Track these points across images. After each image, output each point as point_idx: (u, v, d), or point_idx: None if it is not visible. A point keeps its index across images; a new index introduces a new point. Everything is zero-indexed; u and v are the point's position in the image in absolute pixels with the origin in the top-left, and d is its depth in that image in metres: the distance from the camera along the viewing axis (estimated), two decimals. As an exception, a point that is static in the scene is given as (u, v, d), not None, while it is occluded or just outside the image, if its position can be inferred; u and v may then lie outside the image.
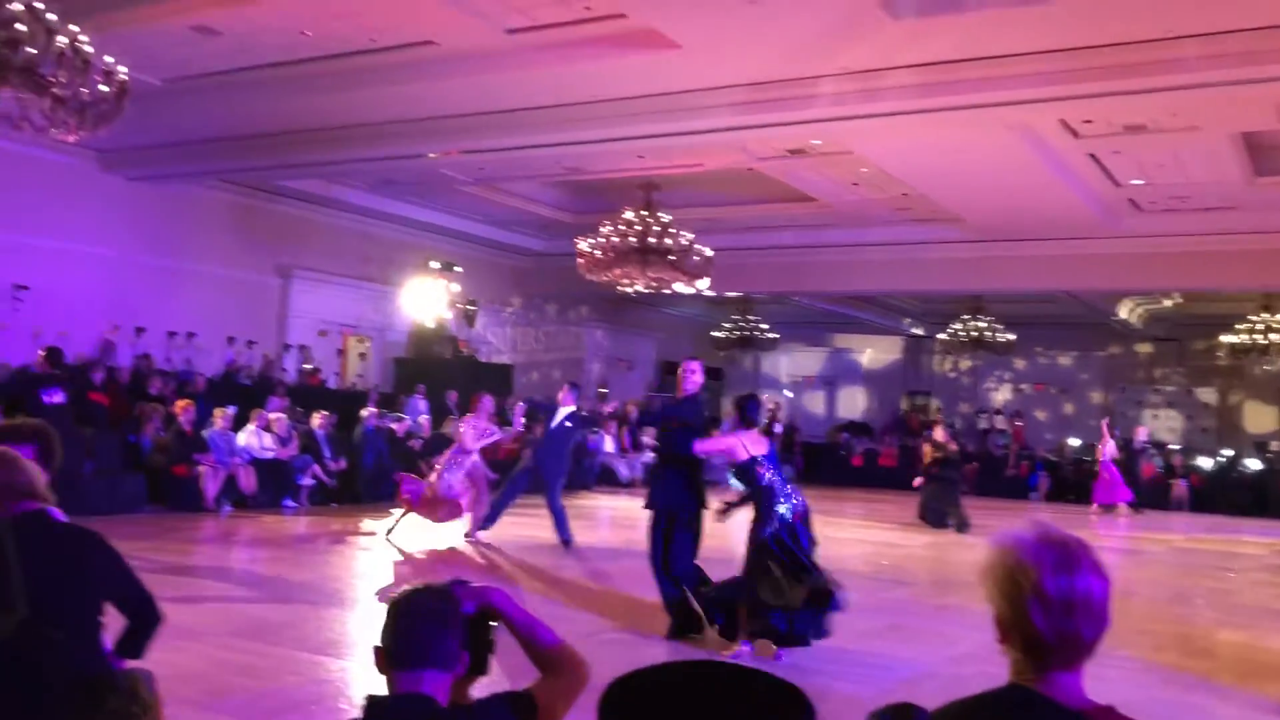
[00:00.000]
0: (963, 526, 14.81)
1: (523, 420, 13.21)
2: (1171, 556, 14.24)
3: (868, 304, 25.79)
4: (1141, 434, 21.61)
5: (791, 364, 30.61)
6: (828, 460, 25.15)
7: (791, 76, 10.92)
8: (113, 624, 3.19)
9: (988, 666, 1.91)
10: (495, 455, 13.45)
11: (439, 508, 11.26)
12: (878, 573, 11.27)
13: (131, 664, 3.24)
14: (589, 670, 2.38)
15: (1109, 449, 19.25)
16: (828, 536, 14.04)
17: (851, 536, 14.37)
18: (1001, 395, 28.47)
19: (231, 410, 13.67)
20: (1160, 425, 25.98)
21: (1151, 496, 20.83)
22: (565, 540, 11.41)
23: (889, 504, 17.99)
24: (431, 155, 14.56)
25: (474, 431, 11.66)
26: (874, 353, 30.04)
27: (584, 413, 12.49)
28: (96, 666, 3.01)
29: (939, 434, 15.91)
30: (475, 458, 11.69)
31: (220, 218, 17.76)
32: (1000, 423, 26.93)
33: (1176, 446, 24.09)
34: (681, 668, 2.41)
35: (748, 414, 7.16)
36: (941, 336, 25.65)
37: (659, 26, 9.97)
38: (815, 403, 30.24)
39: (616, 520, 15.52)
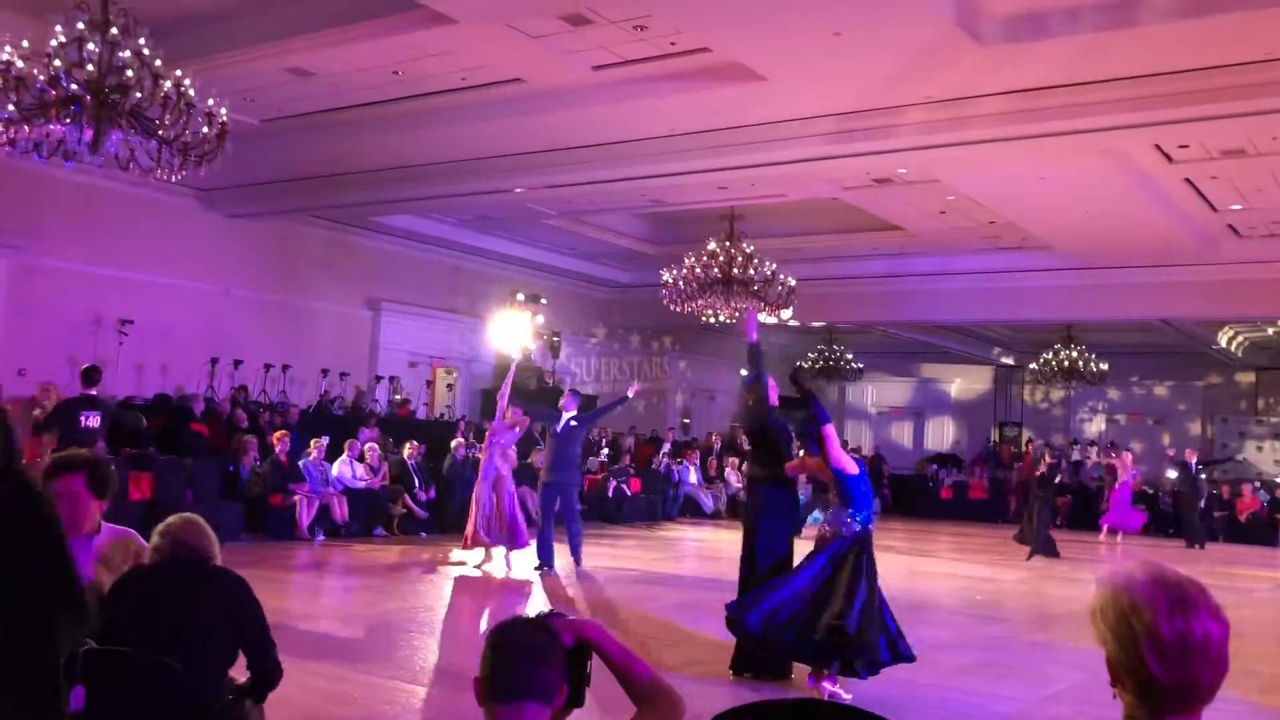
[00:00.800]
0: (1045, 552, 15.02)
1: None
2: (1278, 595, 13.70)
3: (956, 333, 25.41)
4: (1191, 458, 20.44)
5: (878, 394, 30.25)
6: (916, 492, 24.77)
7: (877, 106, 10.87)
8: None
9: (1085, 706, 1.88)
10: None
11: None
12: (971, 608, 11.06)
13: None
14: (684, 705, 2.38)
15: (1127, 474, 19.08)
16: (918, 570, 13.88)
17: (942, 570, 14.13)
18: (1095, 426, 27.75)
19: (325, 440, 13.97)
20: (1264, 457, 25.05)
21: (1256, 532, 20.11)
22: (576, 560, 11.50)
23: (979, 537, 17.62)
24: (519, 190, 14.79)
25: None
26: (963, 383, 29.55)
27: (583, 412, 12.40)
28: (216, 702, 3.13)
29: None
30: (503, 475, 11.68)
31: (314, 253, 18.25)
32: (1094, 455, 26.25)
33: (1280, 480, 23.23)
34: (784, 706, 2.41)
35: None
36: (1032, 366, 25.16)
37: (744, 60, 10.03)
38: (903, 434, 29.82)
39: (702, 552, 15.46)
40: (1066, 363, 23.56)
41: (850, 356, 26.60)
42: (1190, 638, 1.71)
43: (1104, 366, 23.76)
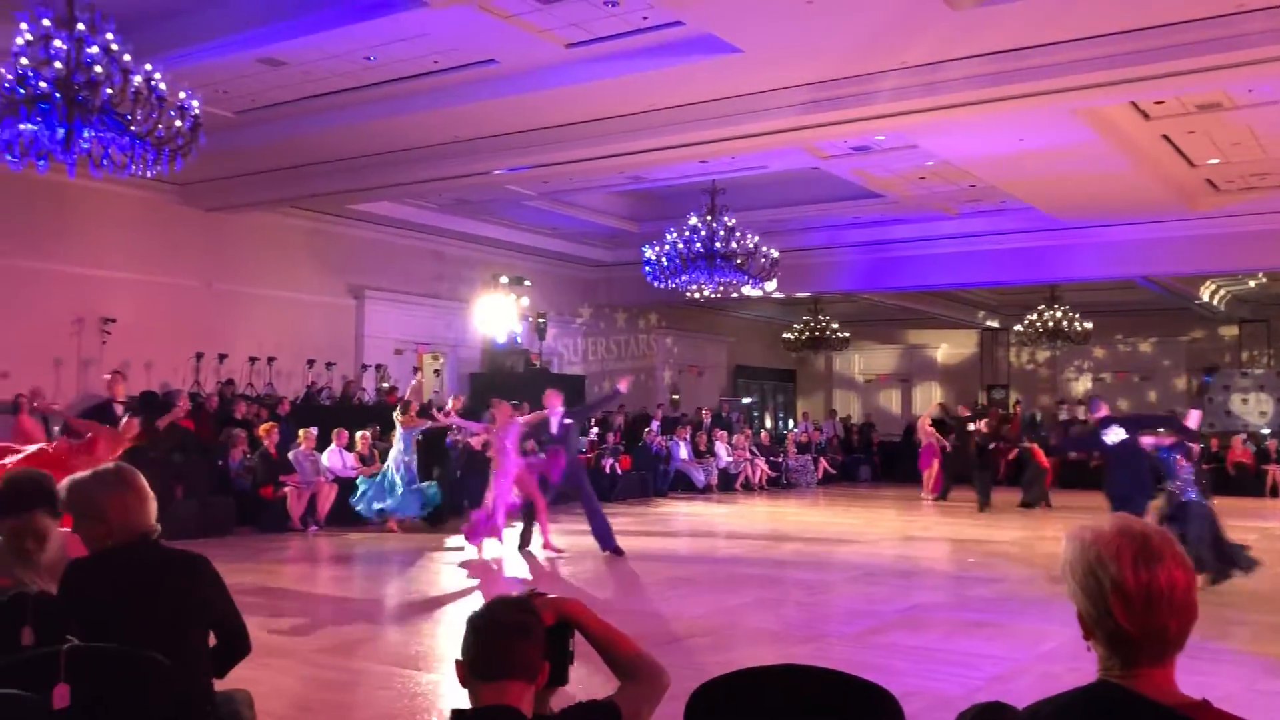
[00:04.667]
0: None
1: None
2: (1268, 544, 13.81)
3: (940, 298, 25.47)
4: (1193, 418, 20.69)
5: (865, 362, 30.33)
6: (906, 458, 24.88)
7: (852, 74, 10.85)
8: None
9: (1079, 663, 1.90)
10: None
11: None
12: (964, 569, 11.14)
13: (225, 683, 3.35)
14: (668, 677, 2.40)
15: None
16: (909, 535, 13.97)
17: (935, 534, 14.22)
18: (1082, 385, 27.89)
19: (314, 431, 13.96)
20: (1251, 409, 25.21)
21: (1244, 484, 20.24)
22: (615, 550, 11.24)
23: (970, 500, 17.73)
24: (497, 172, 14.73)
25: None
26: (949, 347, 29.64)
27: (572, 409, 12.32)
28: (199, 688, 3.12)
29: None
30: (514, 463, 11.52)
31: (295, 243, 18.16)
32: (1081, 413, 26.37)
33: (1267, 431, 23.39)
34: (766, 672, 2.43)
35: None
36: (1017, 328, 25.24)
37: (717, 32, 9.99)
38: (891, 400, 29.92)
39: (694, 527, 15.52)
40: (1051, 323, 23.64)
41: (836, 326, 26.62)
42: (1155, 586, 1.73)
43: (1088, 325, 23.85)
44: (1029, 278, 20.96)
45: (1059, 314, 23.59)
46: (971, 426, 18.96)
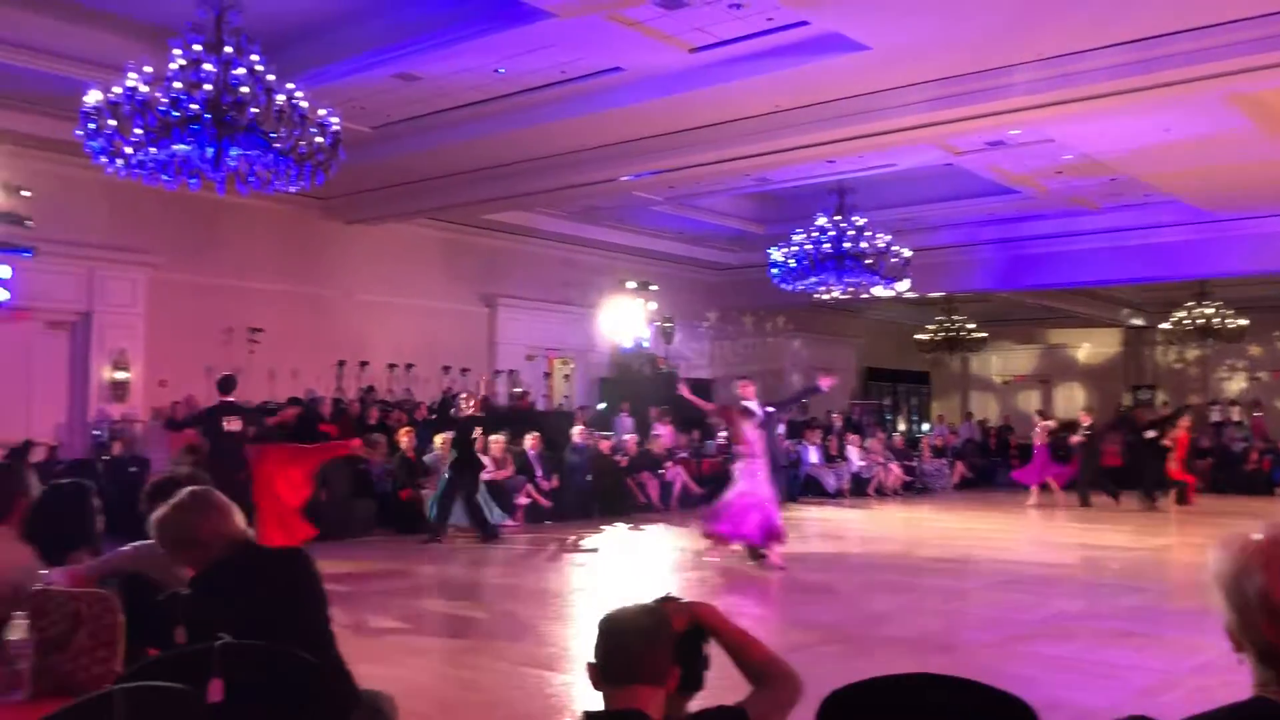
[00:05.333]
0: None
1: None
2: None
3: (1081, 296, 24.58)
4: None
5: (1002, 363, 29.50)
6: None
7: (984, 67, 10.57)
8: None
9: (1235, 675, 1.80)
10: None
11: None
12: (1104, 577, 10.73)
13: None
14: (802, 684, 2.38)
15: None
16: (1048, 541, 13.52)
17: (1074, 540, 13.73)
18: (1235, 385, 26.54)
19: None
20: None
21: None
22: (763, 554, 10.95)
23: (1111, 506, 17.07)
24: (624, 178, 14.86)
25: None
26: (1091, 347, 28.59)
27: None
28: (342, 684, 3.23)
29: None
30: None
31: (430, 253, 18.67)
32: (1236, 414, 25.11)
33: None
34: (901, 681, 2.39)
35: None
36: (1165, 326, 24.20)
37: (843, 30, 9.86)
38: (1030, 402, 29.02)
39: (827, 532, 15.34)
40: (1201, 320, 22.58)
41: (972, 326, 25.97)
42: None
43: (1242, 322, 22.70)
44: (1177, 273, 20.07)
45: (1210, 310, 22.53)
46: (1150, 434, 18.23)
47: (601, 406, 19.75)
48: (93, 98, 8.79)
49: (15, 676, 2.74)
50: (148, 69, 8.72)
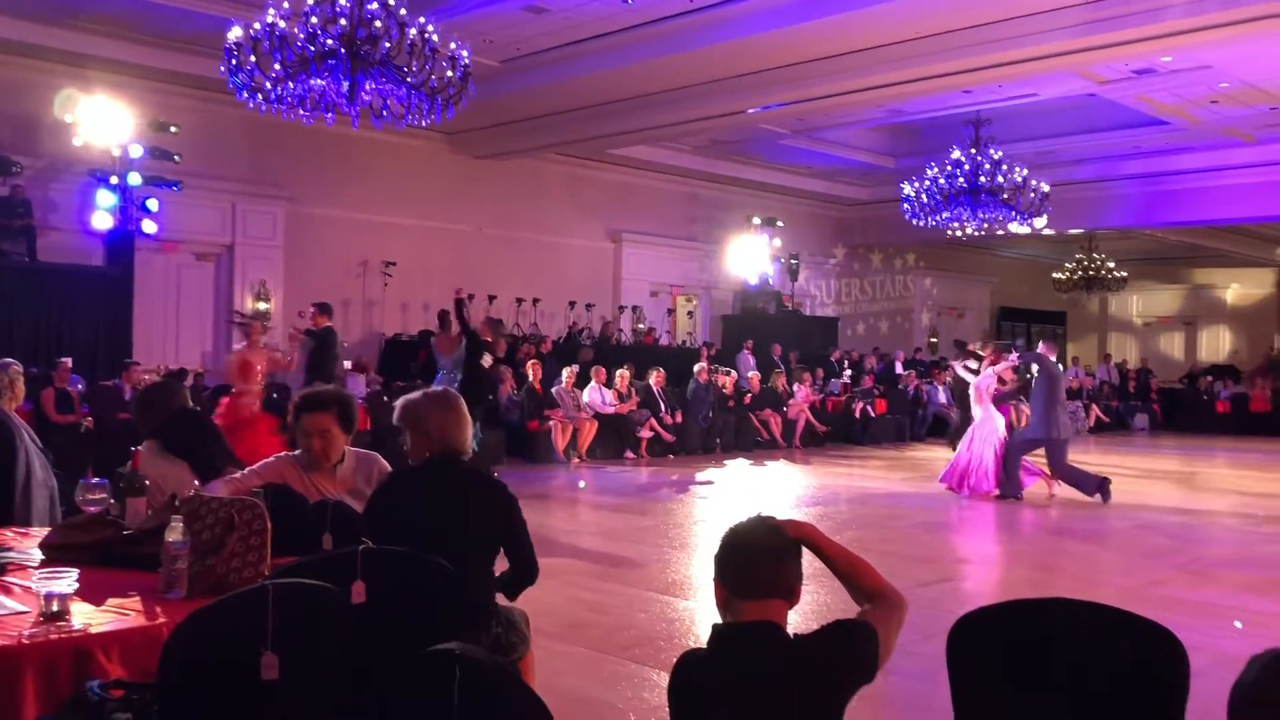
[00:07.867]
0: None
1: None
2: None
3: (1231, 234, 23.36)
4: None
5: (1144, 304, 28.35)
6: (1188, 406, 23.16)
7: (1135, -12, 10.06)
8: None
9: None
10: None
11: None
12: (1252, 524, 10.30)
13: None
14: (908, 605, 2.35)
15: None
16: (1193, 487, 13.03)
17: (1219, 487, 13.21)
18: (1402, 329, 25.00)
19: (575, 368, 14.50)
20: None
21: None
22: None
23: (1260, 452, 16.33)
24: (751, 111, 14.64)
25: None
26: (1240, 288, 27.24)
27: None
28: (484, 599, 3.39)
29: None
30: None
31: (557, 188, 18.80)
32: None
33: None
34: (1038, 604, 2.33)
35: None
36: (1323, 265, 22.87)
37: (984, -49, 9.47)
38: (1172, 345, 27.88)
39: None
40: (1364, 260, 21.26)
41: (1112, 265, 24.99)
42: None
43: None
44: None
45: (1375, 249, 21.18)
46: None
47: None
48: (234, 34, 9.05)
49: (176, 576, 2.90)
50: (285, 4, 8.92)
